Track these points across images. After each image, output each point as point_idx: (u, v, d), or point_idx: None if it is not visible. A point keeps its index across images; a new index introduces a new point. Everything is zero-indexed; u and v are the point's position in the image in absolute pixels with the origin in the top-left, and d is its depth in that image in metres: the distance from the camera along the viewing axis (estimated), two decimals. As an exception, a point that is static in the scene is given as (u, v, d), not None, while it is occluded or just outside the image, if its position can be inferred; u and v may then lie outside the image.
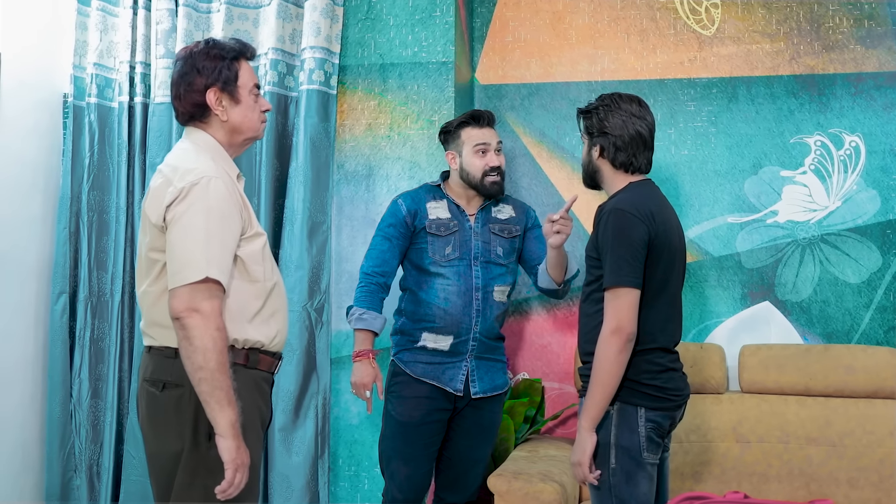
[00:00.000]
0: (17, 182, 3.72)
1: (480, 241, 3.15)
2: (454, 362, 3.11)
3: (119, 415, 3.79)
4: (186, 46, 2.39)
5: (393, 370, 3.17)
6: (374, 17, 3.76)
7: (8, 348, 3.67)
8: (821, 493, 3.28)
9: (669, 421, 2.49)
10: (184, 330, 2.10)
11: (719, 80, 3.79)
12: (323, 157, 3.67)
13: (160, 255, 2.22)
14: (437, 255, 3.11)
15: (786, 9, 3.76)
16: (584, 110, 2.67)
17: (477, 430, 3.16)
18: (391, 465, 3.11)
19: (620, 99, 2.60)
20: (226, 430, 2.11)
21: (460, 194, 3.20)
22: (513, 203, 3.30)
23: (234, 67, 2.34)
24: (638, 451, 2.42)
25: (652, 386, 2.44)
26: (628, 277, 2.39)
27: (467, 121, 3.19)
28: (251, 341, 2.28)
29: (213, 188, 2.18)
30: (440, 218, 3.15)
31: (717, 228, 3.75)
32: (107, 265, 3.86)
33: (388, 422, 3.15)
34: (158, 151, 3.75)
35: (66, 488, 3.81)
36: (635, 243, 2.41)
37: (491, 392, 3.16)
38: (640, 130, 2.56)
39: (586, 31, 3.91)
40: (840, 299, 3.64)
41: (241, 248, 2.24)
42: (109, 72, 3.92)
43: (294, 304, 3.56)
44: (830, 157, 3.69)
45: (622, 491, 2.42)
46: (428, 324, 3.10)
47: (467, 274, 3.11)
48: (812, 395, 3.39)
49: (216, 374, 2.10)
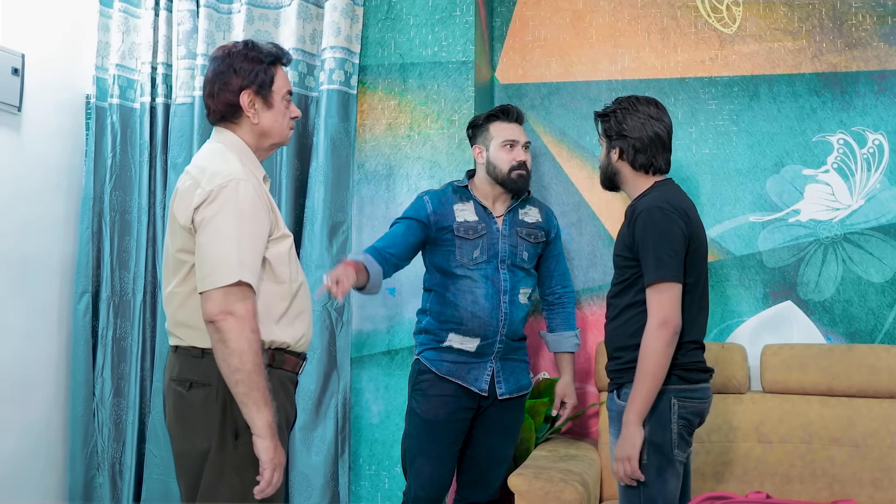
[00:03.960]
0: (41, 183, 3.75)
1: (508, 245, 3.14)
2: (479, 363, 3.10)
3: (141, 413, 3.82)
4: (224, 45, 2.39)
5: (418, 368, 3.15)
6: (395, 16, 3.76)
7: (31, 347, 3.70)
8: (844, 493, 3.25)
9: (698, 418, 2.53)
10: (219, 333, 2.11)
11: (741, 79, 3.77)
12: (343, 157, 3.68)
13: (188, 256, 2.23)
14: (464, 259, 3.09)
15: (808, 6, 3.74)
16: (601, 113, 2.70)
17: (501, 430, 3.16)
18: (415, 463, 3.10)
19: (638, 101, 2.63)
20: (263, 430, 2.13)
21: (486, 193, 3.19)
22: (539, 206, 3.29)
23: (271, 72, 2.35)
24: (669, 448, 2.46)
25: (681, 364, 2.48)
26: (672, 272, 2.43)
27: (496, 114, 3.18)
28: (277, 342, 2.29)
29: (242, 190, 2.19)
30: (468, 221, 3.13)
31: (738, 227, 3.73)
32: (129, 265, 3.88)
33: (412, 420, 3.13)
34: (180, 151, 3.77)
35: (89, 487, 3.84)
36: (675, 239, 2.45)
37: (517, 392, 3.16)
38: (658, 132, 2.60)
39: (606, 29, 3.90)
40: (863, 299, 3.61)
41: (268, 250, 2.25)
42: (131, 73, 3.94)
43: (315, 303, 3.57)
44: (853, 156, 3.66)
45: (652, 488, 2.45)
46: (455, 325, 3.09)
47: (495, 277, 3.10)
48: (835, 395, 3.37)
49: (253, 376, 2.11)
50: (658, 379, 2.43)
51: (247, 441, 2.16)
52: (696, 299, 2.54)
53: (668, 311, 2.42)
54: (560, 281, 3.31)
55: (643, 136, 2.59)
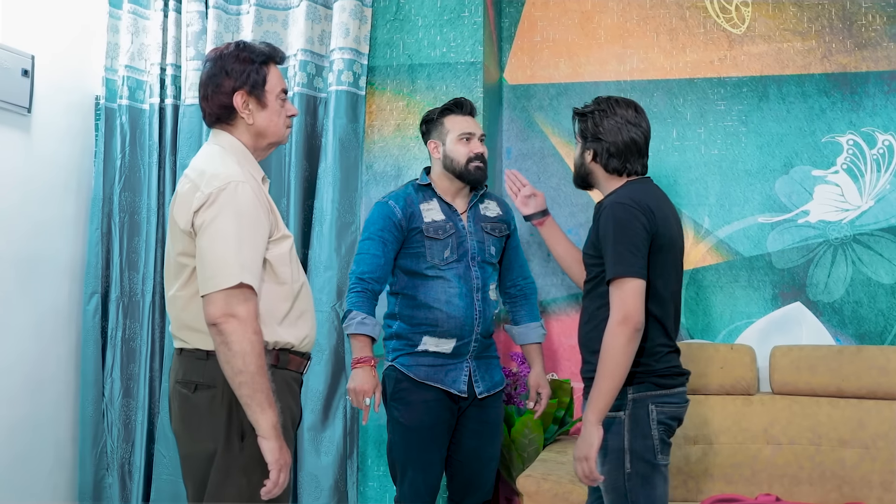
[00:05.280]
0: (51, 184, 3.76)
1: (476, 241, 3.11)
2: (456, 364, 3.07)
3: (150, 414, 3.83)
4: (216, 48, 2.39)
5: (395, 376, 3.07)
6: (403, 17, 3.77)
7: (41, 348, 3.72)
8: (853, 495, 3.24)
9: (677, 422, 2.50)
10: (221, 335, 2.12)
11: (750, 79, 3.76)
12: (352, 158, 3.68)
13: (189, 259, 2.23)
14: (435, 259, 3.05)
15: (817, 6, 3.73)
16: (579, 112, 2.68)
17: (484, 429, 3.12)
18: (407, 472, 3.05)
19: (617, 104, 2.61)
20: (268, 431, 2.13)
21: (446, 189, 3.14)
22: (495, 199, 3.27)
23: (263, 71, 2.34)
24: (653, 455, 2.43)
25: (656, 371, 2.45)
26: (632, 267, 2.38)
27: (451, 108, 3.15)
28: (281, 342, 2.29)
29: (241, 192, 2.19)
30: (436, 220, 3.08)
31: (747, 228, 3.72)
32: (138, 265, 3.90)
33: (396, 429, 3.07)
34: (189, 152, 3.77)
35: (99, 487, 3.85)
36: (637, 234, 2.41)
37: (493, 390, 3.14)
38: (634, 137, 2.57)
39: (615, 30, 3.90)
40: (873, 300, 3.60)
41: (268, 251, 2.25)
42: (140, 74, 3.96)
43: (323, 304, 3.57)
44: (863, 156, 3.65)
45: (639, 495, 2.42)
46: (429, 327, 3.04)
47: (467, 275, 3.07)
48: (844, 396, 3.36)
49: (256, 378, 2.11)
50: (618, 377, 2.37)
51: (253, 442, 2.17)
52: (666, 300, 2.49)
53: (629, 306, 2.36)
54: (520, 273, 3.30)
55: (618, 141, 2.56)
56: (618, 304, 2.38)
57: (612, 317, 2.38)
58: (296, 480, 3.62)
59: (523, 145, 3.96)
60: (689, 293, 3.74)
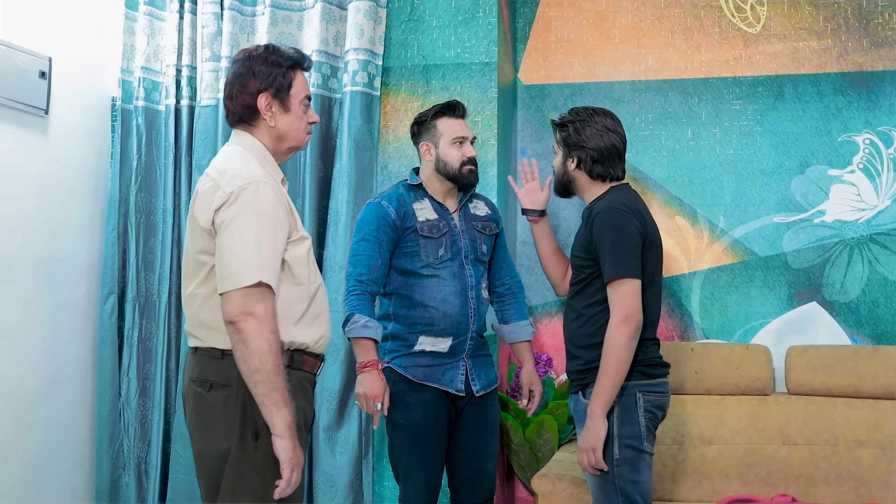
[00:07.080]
0: (68, 185, 3.79)
1: (468, 240, 3.12)
2: (452, 363, 3.07)
3: (166, 413, 3.85)
4: (246, 48, 2.41)
5: (392, 378, 3.04)
6: (417, 18, 3.77)
7: (58, 348, 3.74)
8: (870, 496, 3.23)
9: (661, 412, 2.66)
10: (239, 334, 2.13)
11: (765, 79, 3.75)
12: (366, 159, 3.69)
13: (209, 257, 2.25)
14: (430, 258, 3.04)
15: (833, 5, 3.71)
16: (558, 122, 2.81)
17: (482, 427, 3.12)
18: (410, 473, 3.05)
19: (595, 113, 2.77)
20: (283, 430, 2.14)
21: (437, 189, 3.14)
22: (483, 199, 3.28)
23: (290, 76, 2.36)
24: (640, 441, 2.57)
25: (642, 361, 2.60)
26: (630, 269, 2.55)
27: (444, 111, 3.14)
28: (297, 343, 2.30)
29: (262, 192, 2.20)
30: (429, 219, 3.08)
31: (763, 228, 3.71)
32: (154, 266, 3.92)
33: (396, 431, 3.07)
34: (204, 153, 3.79)
35: (115, 486, 3.87)
36: (632, 237, 2.58)
37: (489, 388, 3.14)
38: (615, 143, 2.74)
39: (630, 30, 3.89)
40: (890, 300, 3.59)
41: (287, 252, 2.26)
42: (156, 75, 3.98)
43: (338, 304, 3.57)
44: (880, 156, 3.63)
45: (626, 481, 2.56)
46: (425, 327, 3.04)
47: (461, 274, 3.07)
48: (861, 396, 3.35)
49: (272, 376, 2.12)
50: (622, 373, 2.53)
51: (267, 441, 2.17)
52: (651, 296, 2.65)
53: (629, 306, 2.53)
54: (508, 272, 3.30)
55: (601, 147, 2.72)
56: (618, 303, 2.54)
57: (613, 316, 2.55)
58: (311, 480, 3.63)
59: (538, 145, 3.96)
60: (705, 293, 3.74)
